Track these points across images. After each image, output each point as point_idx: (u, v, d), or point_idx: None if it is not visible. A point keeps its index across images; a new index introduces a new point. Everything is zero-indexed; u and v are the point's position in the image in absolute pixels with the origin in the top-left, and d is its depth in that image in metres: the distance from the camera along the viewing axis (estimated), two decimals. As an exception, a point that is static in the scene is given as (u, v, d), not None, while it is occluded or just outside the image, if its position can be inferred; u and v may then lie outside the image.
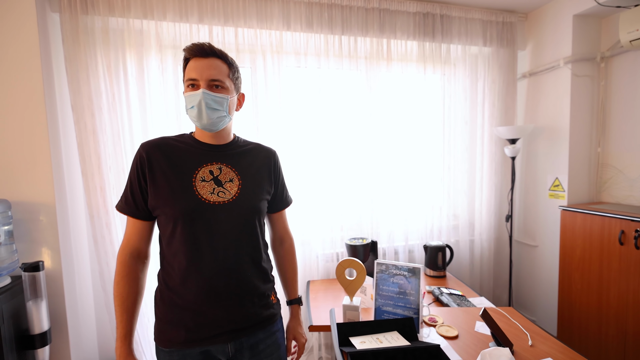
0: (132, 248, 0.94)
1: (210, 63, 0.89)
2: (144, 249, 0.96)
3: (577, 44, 2.09)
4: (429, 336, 1.28)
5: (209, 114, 0.90)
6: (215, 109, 0.91)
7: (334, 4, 1.97)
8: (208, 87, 0.89)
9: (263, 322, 0.98)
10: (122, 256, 0.93)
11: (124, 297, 0.91)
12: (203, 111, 0.89)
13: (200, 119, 0.91)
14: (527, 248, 2.50)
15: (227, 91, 0.93)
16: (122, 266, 0.92)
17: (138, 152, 0.93)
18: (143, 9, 1.70)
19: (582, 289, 1.94)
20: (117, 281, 0.92)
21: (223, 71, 0.91)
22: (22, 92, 1.49)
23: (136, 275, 0.93)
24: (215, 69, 0.90)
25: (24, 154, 1.50)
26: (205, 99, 0.88)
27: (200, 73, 0.89)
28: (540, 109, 2.33)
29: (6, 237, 1.38)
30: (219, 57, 0.91)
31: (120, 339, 0.90)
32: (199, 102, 0.88)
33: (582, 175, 2.18)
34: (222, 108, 0.92)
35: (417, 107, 2.25)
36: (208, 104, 0.89)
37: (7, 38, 1.46)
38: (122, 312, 0.90)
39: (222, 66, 0.92)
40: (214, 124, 0.92)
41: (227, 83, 0.92)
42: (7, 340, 1.28)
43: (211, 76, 0.89)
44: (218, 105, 0.91)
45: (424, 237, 2.29)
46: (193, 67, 0.89)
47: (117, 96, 1.70)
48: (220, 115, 0.92)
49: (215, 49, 0.91)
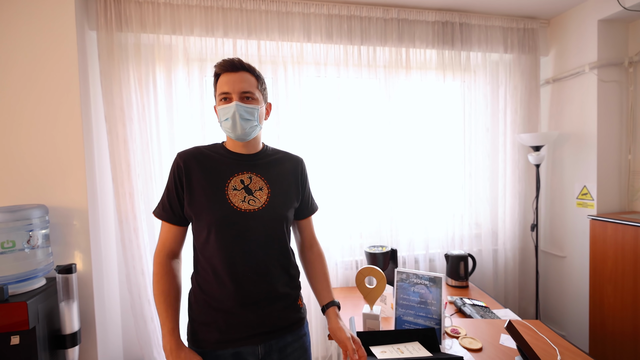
0: (168, 250, 0.99)
1: (241, 77, 0.95)
2: (177, 250, 1.02)
3: (603, 49, 2.04)
4: (451, 348, 1.25)
5: (242, 125, 0.94)
6: (248, 119, 0.95)
7: (353, 16, 2.01)
8: (240, 99, 0.94)
9: (291, 325, 1.00)
10: (159, 257, 0.98)
11: (165, 294, 0.94)
12: (237, 122, 0.94)
13: (234, 130, 0.95)
14: (554, 259, 2.40)
15: (257, 102, 0.98)
16: (161, 266, 0.96)
17: (175, 161, 0.99)
18: (172, 25, 1.79)
19: (616, 303, 1.85)
20: (156, 280, 0.96)
21: (252, 83, 0.97)
22: (61, 104, 1.59)
23: (174, 274, 0.98)
24: (246, 82, 0.95)
25: (61, 161, 1.60)
26: (239, 110, 0.93)
27: (232, 86, 0.94)
28: (565, 116, 2.27)
29: (43, 240, 1.46)
30: (248, 70, 0.97)
31: (168, 333, 0.92)
32: (233, 113, 0.93)
33: (612, 184, 2.09)
34: (253, 118, 0.96)
35: (437, 114, 2.24)
36: (242, 115, 0.94)
37: (48, 53, 1.57)
38: (166, 307, 0.93)
39: (251, 79, 0.97)
40: (246, 134, 0.97)
41: (256, 94, 0.97)
42: (41, 339, 1.33)
43: (243, 89, 0.94)
44: (250, 115, 0.95)
45: (445, 245, 2.25)
46: (225, 82, 0.95)
47: (146, 107, 1.79)
48: (253, 125, 0.97)
49: (244, 64, 0.97)
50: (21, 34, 1.54)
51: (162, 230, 1.00)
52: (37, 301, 1.33)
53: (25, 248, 1.38)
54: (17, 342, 1.26)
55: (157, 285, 0.95)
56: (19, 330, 1.25)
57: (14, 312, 1.25)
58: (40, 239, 1.44)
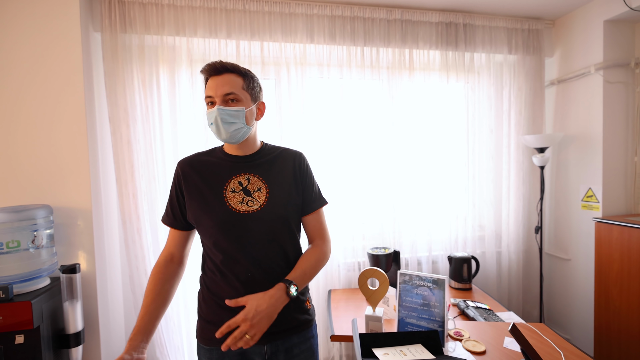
0: (167, 253, 1.03)
1: (223, 79, 0.93)
2: (177, 253, 1.04)
3: (608, 50, 2.02)
4: (454, 350, 1.25)
5: (226, 128, 0.93)
6: (232, 123, 0.94)
7: (357, 17, 2.01)
8: (223, 103, 0.93)
9: (298, 326, 1.00)
10: (158, 259, 1.02)
11: (146, 294, 0.97)
12: (220, 126, 0.93)
13: (219, 134, 0.95)
14: (559, 261, 2.38)
15: (243, 103, 0.95)
16: (155, 267, 1.00)
17: (176, 170, 1.02)
18: (176, 26, 1.80)
19: (622, 307, 1.82)
20: (148, 281, 0.99)
21: (237, 84, 0.94)
22: (66, 105, 1.60)
23: (165, 277, 0.99)
24: (228, 84, 0.93)
25: (65, 162, 1.61)
26: (221, 114, 0.92)
27: (214, 90, 0.93)
28: (570, 117, 2.25)
29: (47, 240, 1.47)
30: (232, 71, 0.95)
31: (133, 332, 0.91)
32: (215, 118, 0.93)
33: (617, 186, 2.07)
34: (238, 121, 0.95)
35: (440, 116, 2.23)
36: (224, 119, 0.93)
37: (53, 55, 1.59)
38: (142, 306, 0.95)
39: (236, 79, 0.95)
40: (232, 137, 0.96)
41: (241, 95, 0.95)
42: (45, 338, 1.34)
43: (224, 91, 0.93)
44: (234, 118, 0.94)
45: (448, 247, 2.24)
46: (209, 86, 0.95)
47: (150, 108, 1.80)
48: (237, 127, 0.95)
49: (226, 65, 0.94)
50: (27, 36, 1.56)
51: (168, 235, 1.05)
52: (41, 301, 1.34)
53: (30, 248, 1.39)
54: (21, 341, 1.27)
55: (147, 285, 0.99)
56: (23, 329, 1.26)
57: (18, 311, 1.26)
58: (44, 239, 1.45)
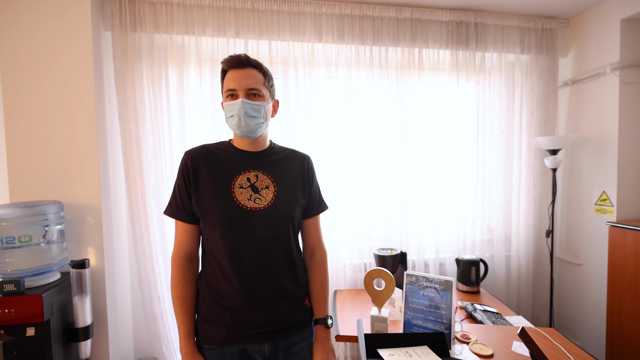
0: (185, 252, 0.99)
1: (247, 73, 0.94)
2: (194, 251, 1.01)
3: (625, 50, 1.96)
4: (461, 353, 1.23)
5: (247, 122, 0.94)
6: (254, 117, 0.95)
7: (365, 16, 2.00)
8: (246, 96, 0.94)
9: (298, 325, 1.00)
10: (176, 260, 0.98)
11: (183, 299, 0.96)
12: (242, 119, 0.93)
13: (239, 127, 0.95)
14: (570, 266, 2.33)
15: (264, 99, 0.97)
16: (179, 270, 0.97)
17: (183, 160, 1.00)
18: (185, 25, 1.81)
19: (635, 314, 1.77)
20: (174, 284, 0.97)
21: (259, 80, 0.96)
22: (76, 103, 1.62)
23: (191, 278, 0.99)
24: (252, 79, 0.94)
25: (76, 159, 1.63)
26: (245, 107, 0.93)
27: (238, 83, 0.93)
28: (585, 118, 2.20)
29: (58, 235, 1.50)
30: (255, 67, 0.96)
31: (184, 338, 0.94)
32: (238, 110, 0.93)
33: (633, 190, 2.01)
34: (259, 115, 0.96)
35: (450, 116, 2.20)
36: (247, 112, 0.93)
37: (65, 53, 1.61)
38: (183, 312, 0.95)
39: (258, 75, 0.96)
40: (252, 131, 0.96)
41: (263, 91, 0.97)
42: (55, 332, 1.37)
43: (249, 85, 0.94)
44: (256, 112, 0.95)
45: (456, 250, 2.21)
46: (232, 78, 0.94)
47: (159, 106, 1.82)
48: (258, 122, 0.96)
49: (251, 60, 0.96)
50: (39, 35, 1.58)
51: (177, 230, 1.00)
52: (51, 294, 1.36)
53: (41, 243, 1.42)
54: (32, 333, 1.29)
55: (174, 289, 0.96)
56: (34, 322, 1.28)
57: (29, 304, 1.28)
58: (55, 234, 1.48)
